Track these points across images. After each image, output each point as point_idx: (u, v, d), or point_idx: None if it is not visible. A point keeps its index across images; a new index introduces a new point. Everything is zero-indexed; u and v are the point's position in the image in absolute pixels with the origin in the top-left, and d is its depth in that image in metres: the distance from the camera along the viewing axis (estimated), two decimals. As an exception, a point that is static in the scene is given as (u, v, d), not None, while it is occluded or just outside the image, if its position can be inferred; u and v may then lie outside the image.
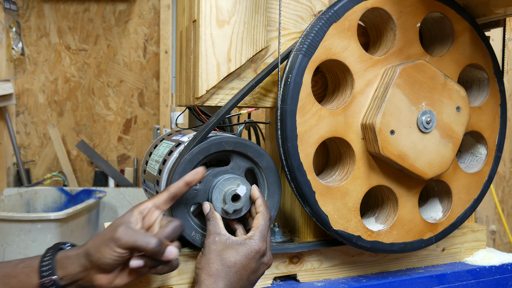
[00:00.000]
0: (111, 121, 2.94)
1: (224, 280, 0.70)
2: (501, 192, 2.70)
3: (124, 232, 0.66)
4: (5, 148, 2.76)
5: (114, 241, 0.66)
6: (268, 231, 0.76)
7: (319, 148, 0.83)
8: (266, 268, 0.75)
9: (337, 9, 0.80)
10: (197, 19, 0.82)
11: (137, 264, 0.67)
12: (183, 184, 0.73)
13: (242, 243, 0.73)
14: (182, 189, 0.73)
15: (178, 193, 0.73)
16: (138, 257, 0.67)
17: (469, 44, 0.92)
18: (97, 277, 0.68)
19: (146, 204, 0.72)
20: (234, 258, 0.71)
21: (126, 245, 0.66)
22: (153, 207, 0.72)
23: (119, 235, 0.66)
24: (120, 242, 0.66)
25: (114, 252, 0.66)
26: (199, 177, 0.74)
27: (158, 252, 0.67)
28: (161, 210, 0.72)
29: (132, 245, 0.66)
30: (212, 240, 0.73)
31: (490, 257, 1.00)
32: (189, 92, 0.88)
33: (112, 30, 2.90)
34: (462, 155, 0.99)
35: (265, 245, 0.74)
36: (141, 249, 0.66)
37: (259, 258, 0.73)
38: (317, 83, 0.89)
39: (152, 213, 0.71)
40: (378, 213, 0.91)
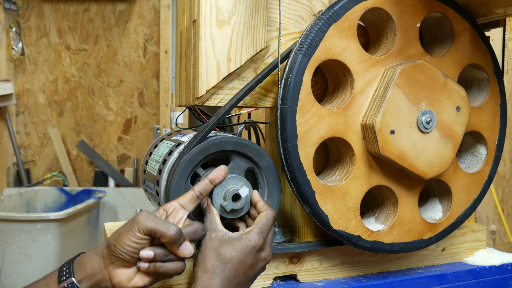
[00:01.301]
0: (111, 121, 2.94)
1: (219, 276, 0.69)
2: (501, 192, 2.70)
3: (145, 217, 0.67)
4: (5, 148, 2.76)
5: (135, 224, 0.66)
6: (270, 229, 0.75)
7: (319, 148, 0.83)
8: (265, 263, 0.75)
9: (337, 9, 0.80)
10: (197, 19, 0.82)
11: (147, 254, 0.66)
12: (207, 182, 0.74)
13: (238, 238, 0.72)
14: (207, 187, 0.74)
15: (203, 191, 0.74)
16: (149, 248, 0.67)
17: (469, 44, 0.92)
18: (116, 272, 0.67)
19: (172, 203, 0.72)
20: (230, 254, 0.71)
21: (146, 229, 0.66)
22: (178, 206, 0.72)
23: (139, 219, 0.66)
24: (140, 224, 0.66)
25: (133, 237, 0.66)
26: (222, 175, 0.75)
27: (176, 241, 0.66)
28: (186, 210, 0.72)
29: (153, 228, 0.66)
30: (209, 236, 0.72)
31: (490, 257, 1.00)
32: (189, 92, 0.88)
33: (112, 30, 2.90)
34: (462, 155, 0.99)
35: (262, 241, 0.73)
36: (161, 234, 0.66)
37: (256, 253, 0.72)
38: (317, 83, 0.89)
39: (177, 212, 0.71)
40: (378, 213, 0.91)
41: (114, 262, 0.67)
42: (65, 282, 0.66)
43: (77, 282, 0.66)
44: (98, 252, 0.68)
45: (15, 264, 1.97)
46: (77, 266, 0.68)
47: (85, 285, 0.67)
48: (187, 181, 0.77)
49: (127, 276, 0.67)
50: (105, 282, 0.67)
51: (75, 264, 0.68)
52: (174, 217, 0.71)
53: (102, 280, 0.67)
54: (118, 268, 0.67)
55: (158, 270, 0.68)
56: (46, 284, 0.68)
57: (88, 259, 0.68)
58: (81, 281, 0.67)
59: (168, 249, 0.68)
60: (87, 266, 0.67)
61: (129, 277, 0.67)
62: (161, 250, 0.67)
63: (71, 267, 0.68)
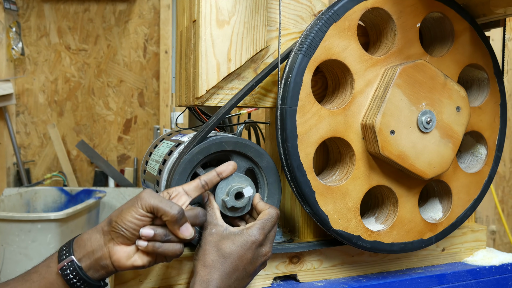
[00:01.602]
0: (111, 121, 2.94)
1: (219, 271, 0.70)
2: (501, 192, 2.70)
3: (149, 194, 0.67)
4: (5, 148, 2.76)
5: (138, 201, 0.66)
6: (272, 226, 0.75)
7: (319, 148, 0.83)
8: (265, 259, 0.74)
9: (337, 9, 0.80)
10: (197, 19, 0.82)
11: (147, 232, 0.66)
12: (215, 174, 0.75)
13: (239, 233, 0.72)
14: (213, 179, 0.75)
15: (208, 182, 0.74)
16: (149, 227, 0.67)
17: (469, 44, 0.92)
18: (116, 249, 0.67)
19: (176, 188, 0.72)
20: (230, 249, 0.71)
21: (149, 206, 0.66)
22: (182, 192, 0.72)
23: (143, 195, 0.67)
24: (143, 201, 0.66)
25: (136, 213, 0.66)
26: (230, 168, 0.76)
27: (178, 221, 0.66)
28: (190, 196, 0.72)
29: (156, 206, 0.66)
30: (209, 231, 0.73)
31: (490, 257, 1.00)
32: (189, 92, 0.88)
33: (112, 30, 2.90)
34: (462, 155, 0.99)
35: (262, 236, 0.73)
36: (163, 212, 0.66)
37: (256, 249, 0.72)
38: (317, 83, 0.89)
39: (180, 196, 0.72)
40: (378, 213, 0.91)
41: (115, 238, 0.67)
42: (64, 261, 0.66)
43: (77, 260, 0.66)
44: (98, 229, 0.68)
45: (15, 264, 1.97)
46: (77, 245, 0.68)
47: (84, 263, 0.67)
48: (187, 181, 0.77)
49: (127, 254, 0.67)
50: (105, 259, 0.67)
51: (74, 243, 0.68)
52: (177, 201, 0.71)
53: (102, 258, 0.67)
54: (118, 245, 0.67)
55: (156, 249, 0.67)
56: (47, 265, 0.68)
57: (88, 237, 0.68)
58: (81, 259, 0.67)
59: (168, 229, 0.68)
60: (86, 243, 0.67)
61: (128, 255, 0.67)
62: (161, 230, 0.67)
63: (71, 246, 0.68)
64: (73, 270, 0.66)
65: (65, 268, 0.66)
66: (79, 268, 0.66)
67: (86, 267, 0.67)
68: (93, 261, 0.67)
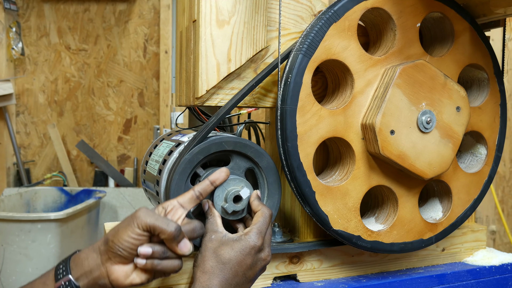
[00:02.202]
0: (111, 121, 2.94)
1: (218, 277, 0.69)
2: (501, 192, 2.70)
3: (144, 213, 0.67)
4: (5, 148, 2.76)
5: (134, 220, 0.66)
6: (268, 228, 0.75)
7: (319, 148, 0.83)
8: (264, 264, 0.74)
9: (337, 9, 0.80)
10: (197, 19, 0.82)
11: (145, 251, 0.66)
12: (208, 183, 0.74)
13: (237, 239, 0.72)
14: (207, 188, 0.74)
15: (203, 192, 0.74)
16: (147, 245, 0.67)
17: (469, 44, 0.92)
18: (114, 268, 0.67)
19: (171, 201, 0.72)
20: (229, 255, 0.71)
21: (145, 224, 0.66)
22: (177, 205, 0.72)
23: (139, 214, 0.66)
24: (139, 220, 0.66)
25: (132, 232, 0.66)
26: (223, 176, 0.75)
27: (175, 238, 0.66)
28: (185, 209, 0.72)
29: (152, 224, 0.66)
30: (209, 238, 0.73)
31: (490, 257, 1.00)
32: (189, 92, 0.88)
33: (112, 30, 2.90)
34: (462, 155, 0.99)
35: (261, 241, 0.73)
36: (160, 231, 0.66)
37: (255, 254, 0.72)
38: (317, 83, 0.89)
39: (176, 210, 0.71)
40: (378, 213, 0.91)
41: (112, 258, 0.67)
42: (62, 280, 0.66)
43: (74, 279, 0.66)
44: (95, 248, 0.68)
45: (15, 264, 1.97)
46: (74, 264, 0.67)
47: (82, 283, 0.66)
48: (187, 181, 0.77)
49: (125, 273, 0.67)
50: (103, 279, 0.67)
51: (71, 261, 0.68)
52: (173, 216, 0.71)
53: (100, 277, 0.67)
54: (115, 264, 0.67)
55: (155, 267, 0.67)
56: (43, 282, 0.68)
57: (85, 256, 0.68)
58: (78, 278, 0.66)
59: (166, 246, 0.68)
60: (84, 263, 0.67)
61: (126, 274, 0.67)
62: (159, 247, 0.67)
63: (68, 264, 0.67)
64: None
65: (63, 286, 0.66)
66: (76, 286, 0.66)
67: (84, 287, 0.67)
68: (91, 280, 0.67)
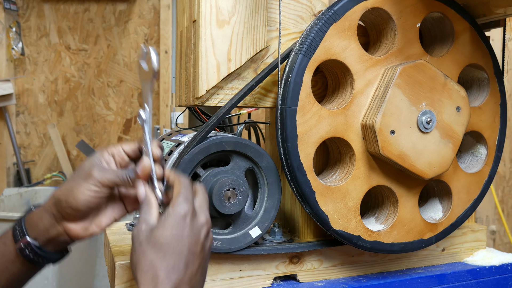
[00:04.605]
0: (111, 121, 2.94)
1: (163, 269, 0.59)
2: (501, 192, 2.70)
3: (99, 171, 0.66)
4: (5, 148, 2.76)
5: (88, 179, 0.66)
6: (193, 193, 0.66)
7: (319, 148, 0.83)
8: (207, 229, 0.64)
9: (337, 9, 0.80)
10: (197, 19, 0.82)
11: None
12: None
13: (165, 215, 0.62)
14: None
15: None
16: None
17: (469, 44, 0.92)
18: (71, 226, 0.67)
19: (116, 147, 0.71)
20: (164, 236, 0.60)
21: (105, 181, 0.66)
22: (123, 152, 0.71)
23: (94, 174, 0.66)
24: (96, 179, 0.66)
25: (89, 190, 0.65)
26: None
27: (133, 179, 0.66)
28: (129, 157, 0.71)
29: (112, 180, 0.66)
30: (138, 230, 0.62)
31: (490, 257, 1.00)
32: (189, 92, 0.88)
33: (112, 30, 2.90)
34: (462, 155, 0.99)
35: (190, 206, 0.63)
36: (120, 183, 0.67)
37: (191, 222, 0.62)
38: (317, 83, 0.89)
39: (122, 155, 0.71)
40: (378, 213, 0.91)
41: (67, 217, 0.67)
42: (20, 242, 0.67)
43: (32, 239, 0.67)
44: (47, 209, 0.68)
45: (15, 264, 1.97)
46: (28, 225, 0.68)
47: (41, 240, 0.68)
48: (187, 181, 0.77)
49: (83, 227, 0.68)
50: (62, 236, 0.68)
51: (26, 223, 0.69)
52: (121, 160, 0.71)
53: (58, 235, 0.68)
54: (71, 222, 0.67)
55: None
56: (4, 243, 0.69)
57: (39, 217, 0.68)
58: (37, 237, 0.68)
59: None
60: (38, 224, 0.68)
61: (85, 228, 0.68)
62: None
63: (23, 226, 0.68)
64: (31, 249, 0.67)
65: (23, 248, 0.67)
66: (36, 247, 0.67)
67: (44, 243, 0.68)
68: (49, 238, 0.68)
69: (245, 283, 0.84)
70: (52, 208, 0.67)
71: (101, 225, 0.69)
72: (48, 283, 1.84)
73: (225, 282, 0.82)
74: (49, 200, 0.68)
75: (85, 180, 0.66)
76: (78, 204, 0.65)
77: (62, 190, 0.67)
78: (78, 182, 0.66)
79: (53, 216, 0.67)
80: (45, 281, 1.83)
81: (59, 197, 0.67)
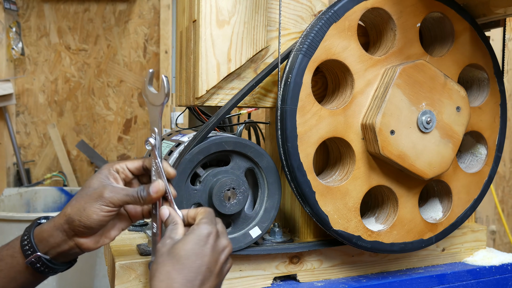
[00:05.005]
0: (111, 121, 2.93)
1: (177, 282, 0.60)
2: (501, 192, 2.70)
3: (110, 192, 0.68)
4: (5, 148, 2.76)
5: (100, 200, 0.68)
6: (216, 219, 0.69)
7: (319, 148, 0.83)
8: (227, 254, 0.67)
9: (337, 9, 0.80)
10: (197, 19, 0.82)
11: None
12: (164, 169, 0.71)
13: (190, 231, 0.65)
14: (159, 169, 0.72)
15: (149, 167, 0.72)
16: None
17: (469, 44, 0.92)
18: (82, 241, 0.70)
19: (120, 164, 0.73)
20: (185, 250, 0.62)
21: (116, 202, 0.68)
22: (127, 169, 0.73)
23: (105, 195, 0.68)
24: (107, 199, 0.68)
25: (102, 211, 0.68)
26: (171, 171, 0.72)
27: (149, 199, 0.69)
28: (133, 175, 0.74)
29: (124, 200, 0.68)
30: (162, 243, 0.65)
31: (490, 257, 1.00)
32: (189, 92, 0.88)
33: (112, 30, 2.90)
34: (462, 155, 0.99)
35: (215, 228, 0.66)
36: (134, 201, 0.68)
37: (214, 242, 0.64)
38: (317, 83, 0.89)
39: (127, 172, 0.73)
40: (378, 213, 0.91)
41: (79, 234, 0.69)
42: (31, 257, 0.69)
43: (43, 254, 0.70)
44: (57, 227, 0.70)
45: (15, 264, 1.97)
46: (38, 240, 0.70)
47: (52, 255, 0.70)
48: (187, 181, 0.77)
49: (94, 240, 0.71)
50: (73, 249, 0.70)
51: (35, 238, 0.70)
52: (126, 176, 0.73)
53: (70, 249, 0.70)
54: (83, 238, 0.70)
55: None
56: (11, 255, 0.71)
57: (49, 234, 0.70)
58: (47, 252, 0.70)
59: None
60: (49, 240, 0.70)
61: (96, 241, 0.71)
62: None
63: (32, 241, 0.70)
64: (42, 263, 0.70)
65: (34, 262, 0.69)
66: (47, 260, 0.70)
67: (55, 257, 0.70)
68: (60, 252, 0.70)
69: (245, 283, 0.84)
70: (63, 226, 0.69)
71: (110, 237, 0.72)
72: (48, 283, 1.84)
73: (225, 282, 0.82)
74: (59, 218, 0.70)
75: (97, 200, 0.68)
76: (92, 223, 0.68)
77: (73, 209, 0.69)
78: (89, 202, 0.68)
79: (65, 233, 0.69)
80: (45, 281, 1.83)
81: (72, 216, 0.68)
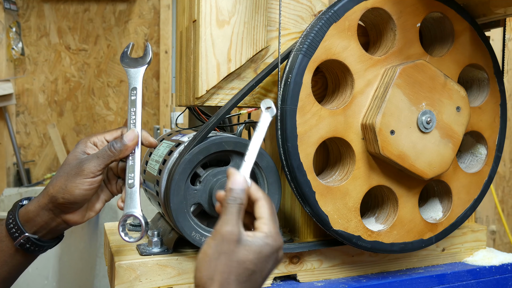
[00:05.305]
0: (111, 121, 2.94)
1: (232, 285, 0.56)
2: (501, 192, 2.70)
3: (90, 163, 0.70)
4: (5, 148, 2.76)
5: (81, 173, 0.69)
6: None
7: (319, 148, 0.83)
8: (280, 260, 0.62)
9: (337, 9, 0.80)
10: (197, 19, 0.82)
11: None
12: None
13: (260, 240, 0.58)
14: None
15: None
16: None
17: (469, 44, 0.92)
18: (69, 217, 0.71)
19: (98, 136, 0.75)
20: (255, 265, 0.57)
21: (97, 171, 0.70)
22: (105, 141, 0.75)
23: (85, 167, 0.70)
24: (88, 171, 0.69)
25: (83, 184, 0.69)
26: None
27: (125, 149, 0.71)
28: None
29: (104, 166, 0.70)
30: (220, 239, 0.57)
31: (490, 257, 1.00)
32: (189, 92, 0.88)
33: (112, 30, 2.90)
34: (462, 155, 0.99)
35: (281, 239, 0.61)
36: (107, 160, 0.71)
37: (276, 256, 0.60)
38: (317, 83, 0.89)
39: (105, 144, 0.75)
40: (378, 213, 0.91)
41: (65, 210, 0.71)
42: (19, 238, 0.71)
43: (31, 234, 0.71)
44: (42, 206, 0.71)
45: (15, 264, 1.97)
46: (24, 221, 0.72)
47: (41, 233, 0.72)
48: (187, 181, 0.77)
49: (81, 215, 0.73)
50: (61, 225, 0.72)
51: (20, 219, 0.72)
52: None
53: (58, 225, 0.72)
54: (70, 213, 0.71)
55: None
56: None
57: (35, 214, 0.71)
58: (36, 232, 0.71)
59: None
60: (36, 219, 0.71)
61: (82, 215, 0.73)
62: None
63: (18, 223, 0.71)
64: (31, 243, 0.71)
65: (23, 243, 0.71)
66: (36, 239, 0.72)
67: (43, 235, 0.73)
68: (48, 230, 0.72)
69: (245, 283, 0.84)
70: (48, 205, 0.71)
71: (96, 210, 0.75)
72: (48, 283, 1.84)
73: (225, 282, 0.82)
74: (43, 197, 0.71)
75: (76, 176, 0.69)
76: (76, 199, 0.70)
77: (55, 188, 0.70)
78: (69, 179, 0.70)
79: (51, 211, 0.71)
80: (45, 281, 1.83)
81: (55, 195, 0.70)
